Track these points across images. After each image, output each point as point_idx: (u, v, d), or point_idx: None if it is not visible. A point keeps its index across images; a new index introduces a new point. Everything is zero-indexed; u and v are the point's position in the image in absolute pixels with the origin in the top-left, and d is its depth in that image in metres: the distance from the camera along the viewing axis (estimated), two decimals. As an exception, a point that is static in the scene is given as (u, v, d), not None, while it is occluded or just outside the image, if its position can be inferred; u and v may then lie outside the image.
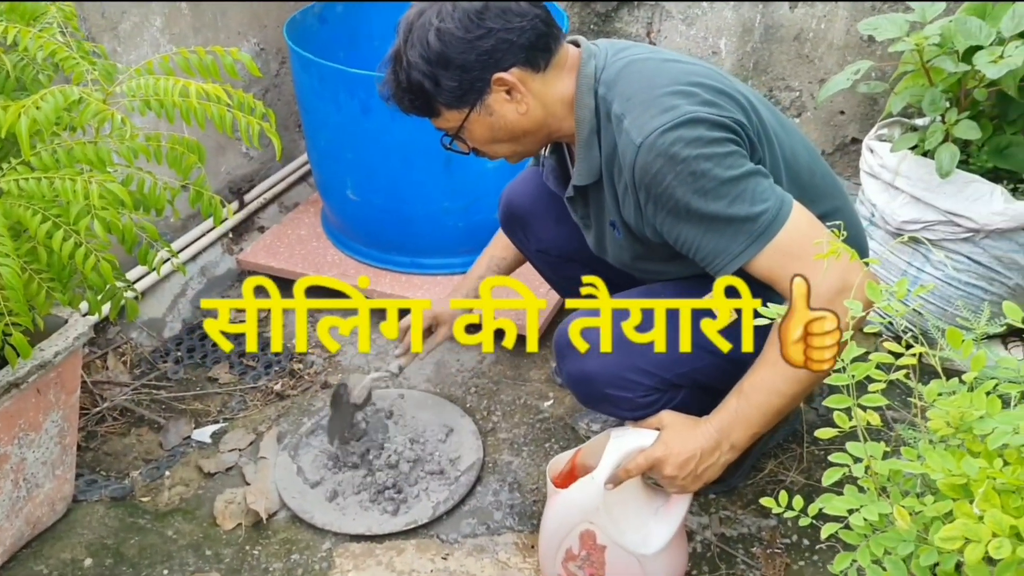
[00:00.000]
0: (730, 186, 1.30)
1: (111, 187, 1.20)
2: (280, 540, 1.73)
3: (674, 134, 1.29)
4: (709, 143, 1.29)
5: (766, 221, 1.30)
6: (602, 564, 1.46)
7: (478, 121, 1.42)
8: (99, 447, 1.96)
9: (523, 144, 1.48)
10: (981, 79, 1.91)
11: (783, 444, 1.89)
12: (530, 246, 1.86)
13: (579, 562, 1.47)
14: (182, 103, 1.24)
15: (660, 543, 1.45)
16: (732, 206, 1.30)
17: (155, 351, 2.27)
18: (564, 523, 1.47)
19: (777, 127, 1.47)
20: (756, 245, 1.31)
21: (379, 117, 2.16)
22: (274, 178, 2.80)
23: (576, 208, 1.59)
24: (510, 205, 1.84)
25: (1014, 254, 1.94)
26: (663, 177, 1.30)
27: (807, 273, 1.26)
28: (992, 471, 0.85)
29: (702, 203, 1.30)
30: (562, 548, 1.48)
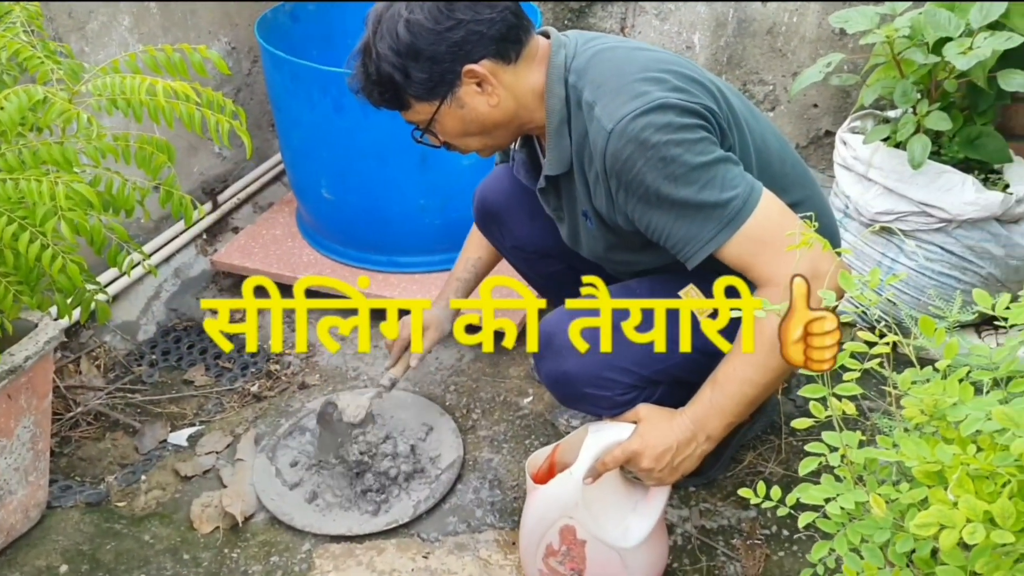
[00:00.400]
0: (700, 172, 1.29)
1: (78, 188, 1.18)
2: (259, 542, 1.72)
3: (644, 120, 1.29)
4: (679, 129, 1.29)
5: (736, 207, 1.30)
6: (583, 558, 1.46)
7: (449, 114, 1.41)
8: (73, 452, 1.93)
9: (495, 137, 1.47)
10: (951, 70, 1.93)
11: (761, 435, 1.90)
12: (505, 243, 1.85)
13: (560, 557, 1.47)
14: (149, 102, 1.22)
15: (640, 536, 1.45)
16: (702, 192, 1.30)
17: (129, 354, 2.25)
18: (544, 519, 1.47)
19: (747, 115, 1.47)
20: (726, 231, 1.31)
21: (352, 115, 2.14)
22: (248, 178, 2.77)
23: (548, 200, 1.59)
24: (484, 202, 1.83)
25: (986, 243, 1.96)
26: (633, 163, 1.30)
27: (777, 260, 1.27)
28: (966, 457, 0.85)
29: (672, 189, 1.30)
30: (542, 544, 1.48)
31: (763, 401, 1.42)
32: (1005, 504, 0.79)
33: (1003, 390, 0.97)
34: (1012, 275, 2.01)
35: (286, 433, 1.96)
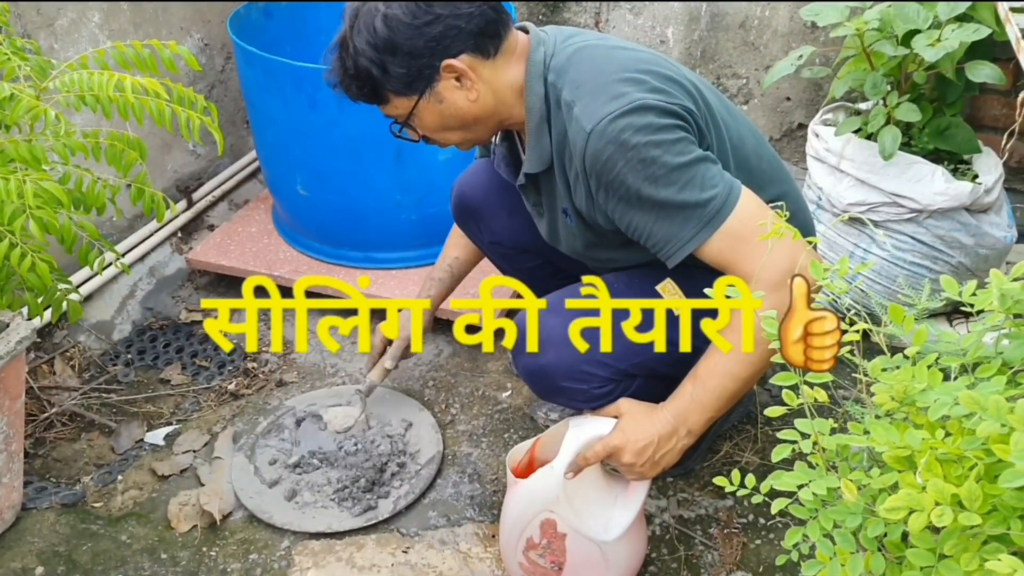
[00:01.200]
0: (680, 172, 1.30)
1: (47, 186, 1.17)
2: (238, 540, 1.71)
3: (624, 121, 1.29)
4: (658, 130, 1.30)
5: (716, 206, 1.31)
6: (563, 551, 1.47)
7: (428, 109, 1.40)
8: (48, 453, 1.91)
9: (474, 131, 1.47)
10: (920, 62, 1.95)
11: (738, 426, 1.92)
12: (483, 238, 1.85)
13: (540, 551, 1.48)
14: (118, 98, 1.21)
15: (620, 529, 1.46)
16: (682, 192, 1.31)
17: (104, 354, 2.23)
18: (524, 513, 1.47)
19: (724, 113, 1.48)
20: (707, 230, 1.32)
21: (327, 111, 2.14)
22: (223, 175, 2.75)
23: (529, 196, 1.59)
24: (462, 197, 1.82)
25: (956, 233, 1.98)
26: (613, 164, 1.31)
27: (756, 256, 1.28)
28: (934, 442, 0.86)
29: (652, 190, 1.31)
30: (523, 537, 1.49)
31: (744, 394, 1.43)
32: (972, 487, 0.80)
33: (970, 376, 0.98)
34: (981, 264, 2.04)
35: (264, 431, 1.95)
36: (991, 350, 1.01)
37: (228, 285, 2.49)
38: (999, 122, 2.35)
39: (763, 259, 1.25)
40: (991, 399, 0.80)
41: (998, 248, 2.03)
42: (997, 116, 2.36)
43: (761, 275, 1.26)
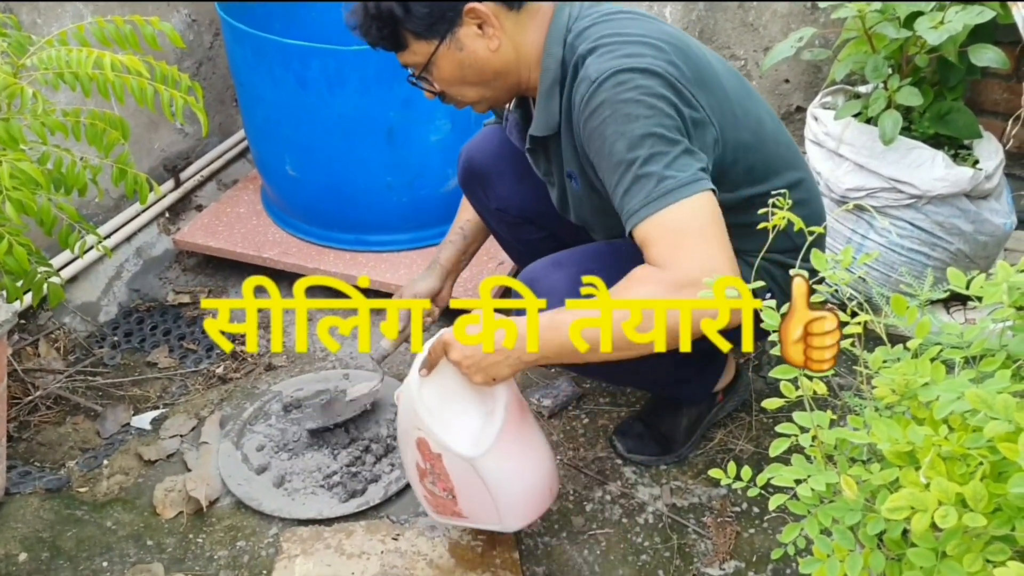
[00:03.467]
0: (654, 142, 1.26)
1: (24, 166, 1.13)
2: (225, 527, 1.68)
3: (628, 76, 1.27)
4: (658, 98, 1.27)
5: (668, 187, 1.25)
6: (446, 475, 1.43)
7: (447, 56, 1.37)
8: (32, 437, 1.88)
9: (492, 88, 1.44)
10: (922, 45, 1.92)
11: (732, 414, 1.90)
12: (489, 204, 1.81)
13: (431, 478, 1.46)
14: (97, 76, 1.17)
15: (487, 444, 1.40)
16: (649, 163, 1.26)
17: (90, 336, 2.19)
18: (404, 431, 1.46)
19: (744, 97, 1.46)
20: (648, 208, 1.26)
21: (317, 90, 2.10)
22: (211, 155, 2.71)
23: (539, 163, 1.56)
24: (470, 161, 1.79)
25: (955, 219, 1.96)
26: (601, 112, 1.28)
27: (671, 253, 1.25)
28: (937, 439, 0.84)
29: (623, 146, 1.27)
30: (413, 465, 1.47)
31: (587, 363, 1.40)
32: (977, 487, 0.78)
33: (974, 368, 0.96)
34: (980, 251, 2.02)
35: (252, 416, 1.92)
36: (994, 342, 0.98)
37: (216, 267, 2.45)
38: (1000, 107, 2.32)
39: (684, 258, 1.22)
40: (998, 398, 0.78)
41: (997, 235, 2.01)
42: (998, 101, 2.33)
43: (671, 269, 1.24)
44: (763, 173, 1.46)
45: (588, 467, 1.79)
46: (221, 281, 2.42)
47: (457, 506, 1.47)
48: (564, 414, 1.93)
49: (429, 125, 2.18)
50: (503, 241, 1.91)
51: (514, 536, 1.64)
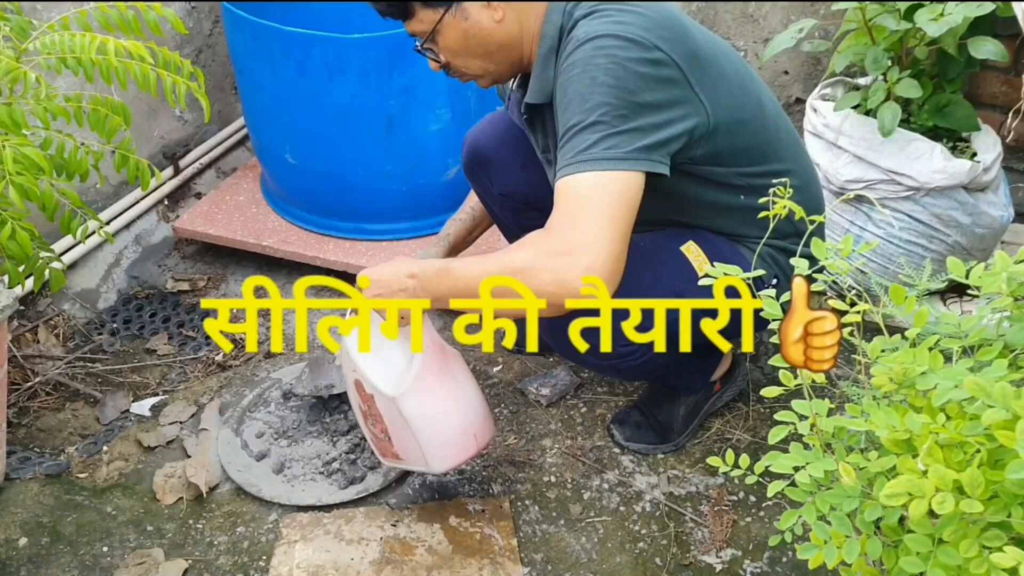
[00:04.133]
0: (604, 112, 1.25)
1: (27, 151, 1.13)
2: (224, 513, 1.69)
3: (608, 41, 1.27)
4: (628, 69, 1.26)
5: (592, 155, 1.25)
6: (379, 415, 1.48)
7: (452, 25, 1.38)
8: (32, 423, 1.89)
9: (496, 62, 1.45)
10: (922, 37, 1.92)
11: (729, 403, 1.91)
12: (493, 190, 1.82)
13: (371, 419, 1.51)
14: (100, 61, 1.17)
15: (407, 384, 1.44)
16: (587, 128, 1.25)
17: (89, 323, 2.20)
18: (346, 373, 1.54)
19: (745, 78, 1.46)
20: (567, 169, 1.27)
21: (317, 78, 2.09)
22: (211, 142, 2.70)
23: (537, 138, 1.56)
24: (475, 146, 1.80)
25: (953, 211, 1.96)
26: (571, 70, 1.28)
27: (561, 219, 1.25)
28: (935, 426, 0.85)
29: (576, 108, 1.27)
30: (357, 406, 1.53)
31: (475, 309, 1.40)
32: (974, 473, 0.79)
33: (971, 358, 0.97)
34: (977, 243, 2.03)
35: (251, 403, 1.92)
36: (992, 332, 0.99)
37: (215, 254, 2.45)
38: (998, 100, 2.32)
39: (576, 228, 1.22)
40: (996, 385, 0.78)
41: (995, 228, 2.02)
42: (996, 94, 2.33)
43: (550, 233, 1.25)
44: (761, 155, 1.47)
45: (586, 455, 1.80)
46: (220, 269, 2.42)
47: (394, 447, 1.53)
48: (562, 403, 1.94)
49: (429, 114, 2.18)
50: (505, 228, 1.92)
51: (512, 523, 1.65)
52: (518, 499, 1.71)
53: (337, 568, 1.56)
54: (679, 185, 1.42)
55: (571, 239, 1.23)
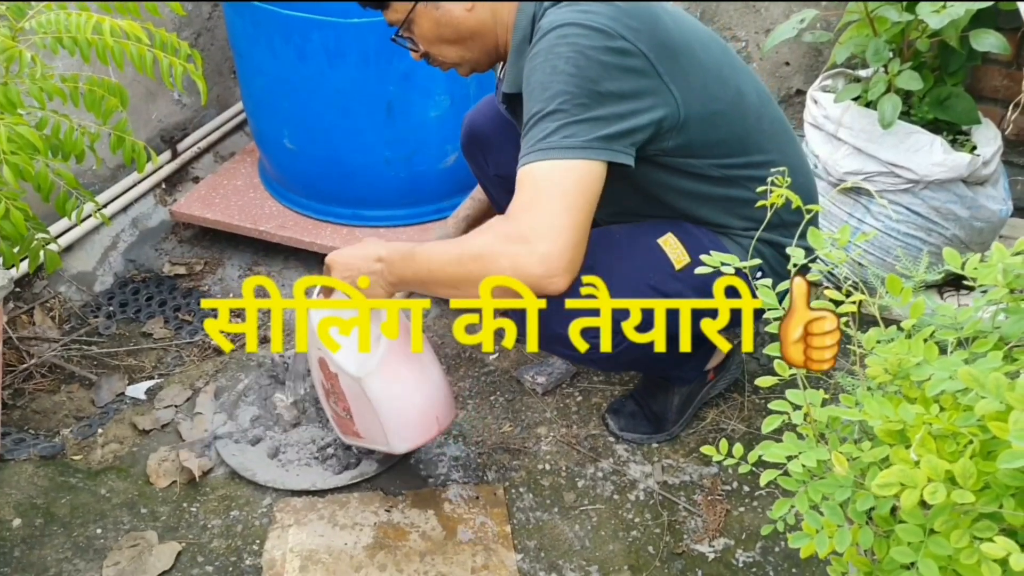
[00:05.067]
0: (564, 100, 1.25)
1: (22, 131, 1.12)
2: (218, 497, 1.69)
3: (571, 29, 1.26)
4: (590, 58, 1.25)
5: (552, 143, 1.25)
6: (343, 394, 1.49)
7: (424, 14, 1.40)
8: (27, 405, 1.88)
9: (471, 50, 1.45)
10: (924, 29, 1.91)
11: (724, 393, 1.91)
12: (489, 171, 1.83)
13: (333, 397, 1.52)
14: (96, 41, 1.16)
15: (372, 365, 1.46)
16: (548, 116, 1.25)
17: (85, 306, 2.19)
18: (311, 357, 1.55)
19: (726, 69, 1.44)
20: (528, 156, 1.27)
21: (316, 63, 2.08)
22: (209, 126, 2.69)
23: (518, 125, 1.56)
24: (472, 127, 1.82)
25: (951, 205, 1.96)
26: (535, 60, 1.29)
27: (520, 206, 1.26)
28: (928, 417, 0.85)
29: (537, 96, 1.27)
30: (319, 384, 1.54)
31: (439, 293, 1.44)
32: (967, 464, 0.79)
33: (966, 350, 0.96)
34: (976, 237, 2.03)
35: (246, 388, 1.92)
36: (987, 324, 0.99)
37: (212, 239, 2.45)
38: (999, 93, 2.31)
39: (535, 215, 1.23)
40: (990, 376, 0.78)
41: (993, 221, 2.01)
42: (997, 87, 2.32)
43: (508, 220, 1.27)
44: (740, 146, 1.45)
45: (580, 444, 1.80)
46: (217, 253, 2.42)
47: (355, 426, 1.54)
48: (558, 391, 1.94)
49: (428, 100, 2.17)
50: (502, 208, 1.91)
51: (507, 510, 1.65)
52: (512, 486, 1.71)
53: (330, 553, 1.57)
54: (654, 176, 1.42)
55: (529, 226, 1.24)
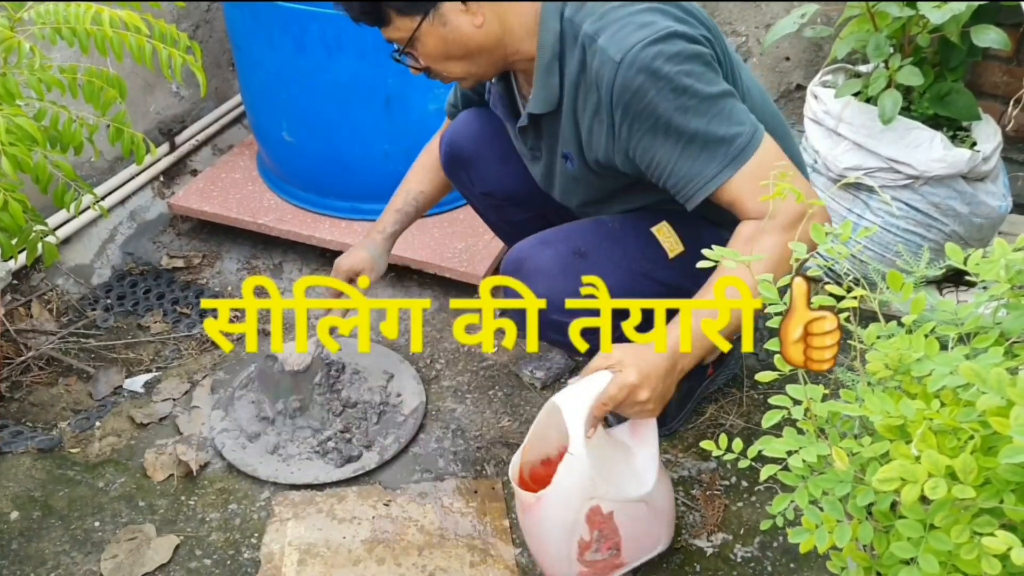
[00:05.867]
0: (710, 103, 1.29)
1: (20, 122, 1.11)
2: (216, 490, 1.69)
3: (655, 49, 1.26)
4: (689, 58, 1.27)
5: (741, 144, 1.30)
6: (615, 531, 1.37)
7: (430, 32, 1.34)
8: (24, 397, 1.88)
9: (478, 64, 1.41)
10: (925, 25, 1.91)
11: (723, 389, 1.91)
12: (474, 189, 1.80)
13: (595, 546, 1.38)
14: (95, 31, 1.15)
15: (653, 474, 1.40)
16: (711, 124, 1.29)
17: (83, 298, 2.19)
18: (566, 518, 1.33)
19: (737, 63, 1.46)
20: (730, 168, 1.30)
21: (315, 55, 2.08)
22: (207, 119, 2.69)
23: (527, 139, 1.55)
24: (453, 147, 1.76)
25: (951, 201, 1.96)
26: (644, 93, 1.28)
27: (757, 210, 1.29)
28: (929, 412, 0.85)
29: (683, 120, 1.29)
30: (573, 544, 1.36)
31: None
32: (967, 459, 0.79)
33: (967, 346, 0.96)
34: (975, 233, 2.02)
35: (243, 384, 1.92)
36: (988, 320, 0.99)
37: (211, 232, 2.44)
38: (999, 89, 2.31)
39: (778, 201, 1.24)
40: (991, 371, 0.78)
41: (993, 217, 2.01)
42: (997, 83, 2.32)
43: (775, 215, 1.27)
44: None
45: (579, 438, 1.80)
46: (215, 246, 2.41)
47: (620, 558, 1.42)
48: (557, 385, 1.94)
49: (428, 93, 2.16)
50: (490, 223, 1.90)
51: (505, 504, 1.65)
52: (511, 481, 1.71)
53: (329, 546, 1.57)
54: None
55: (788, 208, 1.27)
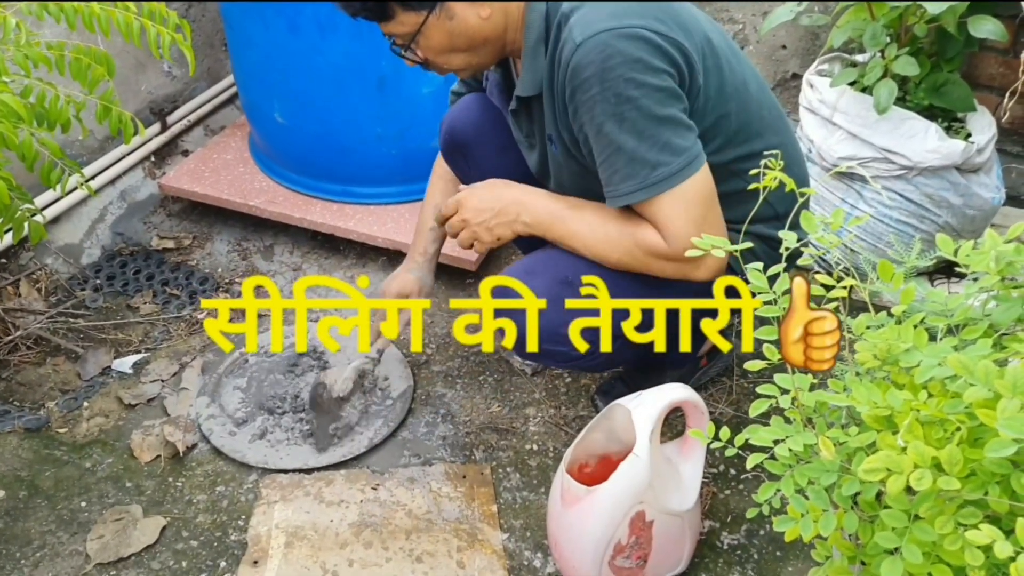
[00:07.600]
0: (648, 123, 1.25)
1: (5, 98, 1.10)
2: (204, 472, 1.69)
3: (616, 45, 1.22)
4: (646, 70, 1.23)
5: (663, 174, 1.27)
6: (649, 541, 1.38)
7: (437, 26, 1.31)
8: (12, 377, 1.87)
9: (480, 55, 1.39)
10: (922, 15, 1.90)
11: (714, 377, 1.91)
12: (472, 175, 1.79)
13: (627, 551, 1.38)
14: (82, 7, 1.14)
15: (695, 494, 1.42)
16: (642, 145, 1.26)
17: (72, 278, 2.17)
18: (614, 516, 1.35)
19: (730, 56, 1.42)
20: (643, 193, 1.28)
21: (308, 36, 2.06)
22: (199, 99, 2.66)
23: (521, 124, 1.53)
24: (452, 132, 1.75)
25: (944, 192, 1.96)
26: (589, 87, 1.25)
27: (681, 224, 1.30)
28: (916, 403, 0.85)
29: (614, 130, 1.26)
30: (611, 546, 1.37)
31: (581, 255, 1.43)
32: (953, 451, 0.79)
33: (956, 337, 0.96)
34: (968, 225, 2.02)
35: (228, 370, 1.90)
36: (978, 312, 0.99)
37: (201, 213, 2.43)
38: (995, 81, 2.31)
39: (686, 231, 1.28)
40: (979, 363, 0.78)
41: (986, 209, 2.01)
42: (993, 75, 2.32)
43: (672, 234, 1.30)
44: (744, 135, 1.44)
45: (569, 425, 1.80)
46: (206, 228, 2.40)
47: (644, 570, 1.43)
48: (547, 372, 1.94)
49: (421, 76, 2.15)
50: None
51: (493, 489, 1.65)
52: (499, 466, 1.71)
53: (316, 529, 1.56)
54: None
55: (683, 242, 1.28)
